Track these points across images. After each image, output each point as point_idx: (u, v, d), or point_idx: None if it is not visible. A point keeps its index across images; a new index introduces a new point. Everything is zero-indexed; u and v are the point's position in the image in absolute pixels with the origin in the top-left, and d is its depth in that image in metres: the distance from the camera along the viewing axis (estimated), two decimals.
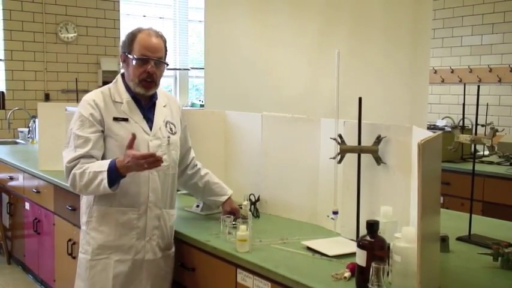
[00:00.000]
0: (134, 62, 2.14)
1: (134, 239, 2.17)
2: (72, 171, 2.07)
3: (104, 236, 2.16)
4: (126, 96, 2.19)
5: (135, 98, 2.21)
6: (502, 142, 4.28)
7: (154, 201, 2.19)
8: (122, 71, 2.26)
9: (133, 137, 2.04)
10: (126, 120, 2.16)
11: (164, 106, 2.29)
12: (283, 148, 2.57)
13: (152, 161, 1.99)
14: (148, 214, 2.18)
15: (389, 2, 2.65)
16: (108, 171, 2.01)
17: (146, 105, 2.24)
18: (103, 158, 2.13)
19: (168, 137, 2.24)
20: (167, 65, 2.23)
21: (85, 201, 2.23)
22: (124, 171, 2.03)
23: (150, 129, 2.20)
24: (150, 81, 2.16)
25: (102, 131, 2.13)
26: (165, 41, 2.22)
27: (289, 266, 1.85)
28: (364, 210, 2.09)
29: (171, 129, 2.27)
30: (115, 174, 2.02)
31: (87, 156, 2.09)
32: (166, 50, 2.22)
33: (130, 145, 2.02)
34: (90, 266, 2.17)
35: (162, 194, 2.22)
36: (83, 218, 2.23)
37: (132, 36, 2.17)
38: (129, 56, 2.16)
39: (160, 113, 2.26)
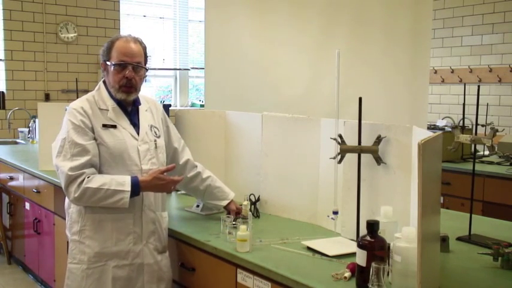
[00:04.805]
0: (112, 68, 2.15)
1: (131, 244, 2.16)
2: (83, 185, 2.04)
3: (100, 243, 2.14)
4: (111, 103, 2.19)
5: (120, 103, 2.21)
6: (502, 142, 4.28)
7: (148, 204, 2.20)
8: (104, 78, 2.26)
9: (173, 167, 2.21)
10: (114, 127, 2.17)
11: (146, 110, 2.31)
12: (283, 148, 2.57)
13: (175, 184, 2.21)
14: (143, 218, 2.18)
15: (390, 2, 2.65)
16: (131, 191, 2.07)
17: (131, 110, 2.25)
18: None
19: (155, 141, 2.25)
20: (147, 70, 2.23)
21: (75, 210, 2.19)
22: (145, 190, 2.14)
23: (137, 134, 2.21)
24: (129, 86, 2.16)
25: (95, 138, 2.13)
26: (144, 47, 2.22)
27: (289, 266, 1.85)
28: (364, 210, 2.09)
29: (155, 132, 2.29)
30: (135, 193, 2.10)
31: (88, 166, 2.08)
32: (146, 56, 2.22)
33: (168, 170, 2.17)
34: (86, 275, 2.14)
35: (154, 197, 2.22)
36: (74, 228, 2.18)
37: (111, 44, 2.18)
38: (107, 63, 2.17)
39: (144, 118, 2.28)
